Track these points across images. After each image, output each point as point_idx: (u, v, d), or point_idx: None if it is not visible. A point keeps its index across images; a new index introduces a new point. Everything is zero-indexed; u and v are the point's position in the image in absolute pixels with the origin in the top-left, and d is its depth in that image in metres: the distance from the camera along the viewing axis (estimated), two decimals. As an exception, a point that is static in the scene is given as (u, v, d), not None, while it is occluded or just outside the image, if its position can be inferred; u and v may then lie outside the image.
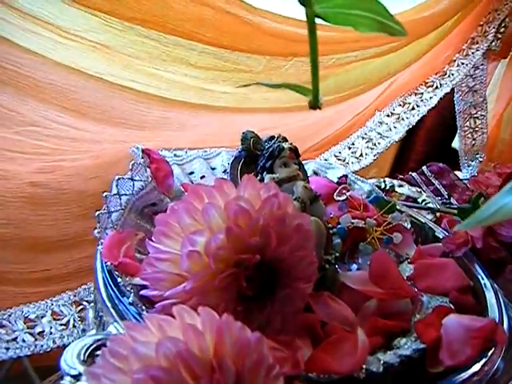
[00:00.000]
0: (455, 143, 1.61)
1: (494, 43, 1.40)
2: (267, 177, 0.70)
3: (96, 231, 0.64)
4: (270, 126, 1.12)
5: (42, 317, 0.87)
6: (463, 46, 1.41)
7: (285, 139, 0.73)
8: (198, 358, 0.39)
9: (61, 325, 0.87)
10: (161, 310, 0.53)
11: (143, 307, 0.57)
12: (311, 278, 0.58)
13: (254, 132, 0.74)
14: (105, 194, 0.67)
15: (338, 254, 0.71)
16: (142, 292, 0.56)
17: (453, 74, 1.38)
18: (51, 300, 0.90)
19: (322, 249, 0.68)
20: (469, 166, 1.56)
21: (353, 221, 0.76)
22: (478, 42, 1.41)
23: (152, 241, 0.55)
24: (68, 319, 0.88)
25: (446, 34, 1.33)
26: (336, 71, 1.18)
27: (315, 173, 0.94)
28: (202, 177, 0.87)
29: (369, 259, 0.77)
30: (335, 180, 0.92)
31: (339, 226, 0.76)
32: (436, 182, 1.30)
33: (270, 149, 0.72)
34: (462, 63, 1.40)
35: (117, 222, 0.68)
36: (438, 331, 0.62)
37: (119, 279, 0.60)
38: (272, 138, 0.74)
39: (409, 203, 0.93)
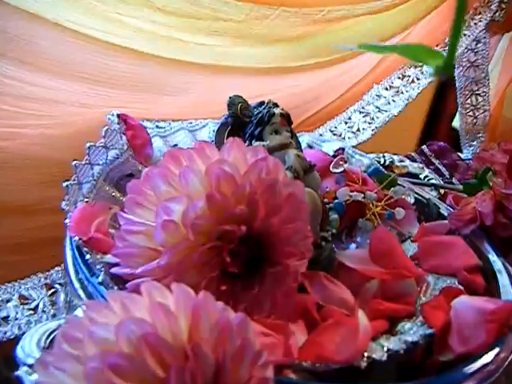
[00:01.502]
0: (455, 122, 1.55)
1: (497, 13, 1.34)
2: (256, 144, 0.63)
3: (64, 203, 0.58)
4: (255, 92, 1.02)
5: (8, 301, 0.80)
6: (465, 17, 1.34)
7: (275, 105, 0.67)
8: (167, 343, 0.32)
9: (28, 309, 0.80)
10: (133, 289, 0.46)
11: (114, 288, 0.50)
12: (305, 254, 0.51)
13: (241, 97, 0.67)
14: (74, 162, 0.60)
15: (335, 231, 0.65)
16: (113, 270, 0.49)
17: (452, 48, 1.31)
18: (18, 282, 0.82)
19: (317, 224, 0.62)
20: (470, 147, 1.49)
21: (351, 194, 0.69)
22: (480, 13, 1.34)
23: (124, 212, 0.48)
24: (37, 303, 0.81)
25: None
26: (326, 28, 1.09)
27: (309, 146, 0.88)
28: (187, 149, 0.80)
29: (369, 237, 0.71)
30: (331, 153, 0.85)
31: (336, 200, 0.70)
32: (436, 162, 1.24)
33: (260, 115, 0.65)
34: (464, 34, 1.33)
35: (88, 194, 0.61)
36: (447, 315, 0.56)
37: (88, 256, 0.53)
38: (262, 103, 0.67)
39: (411, 179, 0.86)
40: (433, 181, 0.89)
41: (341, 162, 0.75)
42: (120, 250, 0.47)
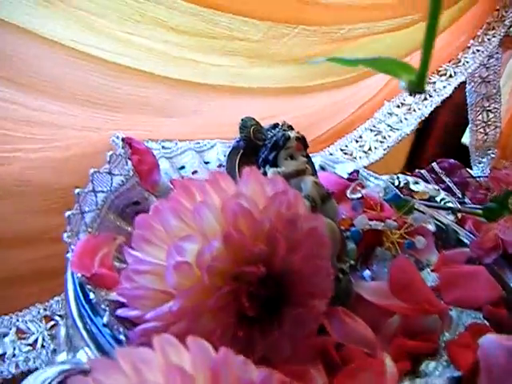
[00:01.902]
0: (465, 139, 1.51)
1: (511, 29, 1.31)
2: (271, 171, 0.59)
3: (66, 235, 0.54)
4: (266, 113, 0.98)
5: (4, 335, 0.75)
6: (478, 32, 1.31)
7: (290, 127, 0.63)
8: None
9: (27, 345, 0.75)
10: (140, 335, 0.42)
11: (120, 330, 0.46)
12: (327, 293, 0.48)
13: (254, 119, 0.63)
14: (77, 190, 0.56)
15: (352, 262, 0.61)
16: (119, 312, 0.45)
17: (467, 62, 1.28)
18: (16, 315, 0.78)
19: (335, 256, 0.58)
20: (480, 163, 1.46)
21: (370, 223, 0.65)
22: (494, 28, 1.31)
23: (131, 248, 0.44)
24: (36, 337, 0.76)
25: (462, 12, 1.22)
26: (342, 47, 1.05)
27: (322, 168, 0.84)
28: (194, 172, 0.76)
29: (385, 265, 0.68)
30: (345, 176, 0.81)
31: (353, 228, 0.66)
32: (447, 180, 1.20)
33: (274, 138, 0.61)
34: (478, 50, 1.30)
35: (91, 223, 0.57)
36: (475, 354, 0.52)
37: (92, 295, 0.49)
38: (275, 125, 0.64)
39: (428, 202, 0.83)
40: (449, 204, 0.85)
41: (358, 188, 0.71)
42: (127, 292, 0.43)
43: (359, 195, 0.71)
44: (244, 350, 0.42)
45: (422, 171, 1.22)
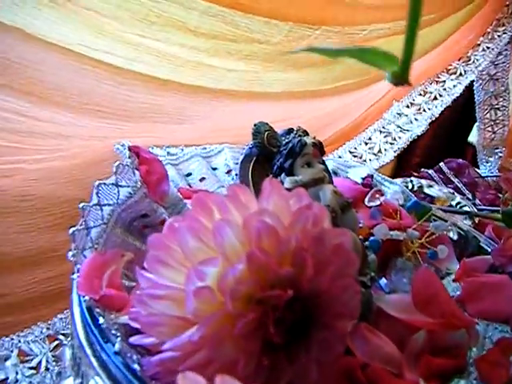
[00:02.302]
0: (472, 137, 1.48)
1: (522, 25, 1.28)
2: (288, 180, 0.56)
3: (71, 254, 0.50)
4: (276, 117, 0.94)
5: (6, 359, 0.71)
6: (488, 29, 1.28)
7: (306, 133, 0.60)
8: None
9: (30, 368, 0.71)
10: (156, 365, 0.39)
11: (134, 358, 0.43)
12: (354, 313, 0.44)
13: (268, 124, 0.60)
14: (82, 204, 0.53)
15: (373, 274, 0.57)
16: (133, 340, 0.42)
17: (477, 60, 1.25)
18: (18, 335, 0.73)
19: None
20: (487, 163, 1.43)
21: (391, 233, 0.62)
22: (504, 24, 1.27)
23: (143, 269, 0.41)
24: (39, 360, 0.72)
25: (473, 12, 1.19)
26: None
27: (334, 172, 0.80)
28: (202, 179, 0.73)
29: (404, 276, 0.64)
30: (358, 180, 0.78)
31: (372, 238, 0.63)
32: (456, 180, 1.17)
33: (290, 144, 0.58)
34: (488, 47, 1.27)
35: (97, 239, 0.53)
36: (508, 372, 0.49)
37: (101, 319, 0.45)
38: (290, 130, 0.60)
39: (443, 207, 0.79)
40: (466, 208, 0.82)
41: (377, 195, 0.68)
42: (142, 318, 0.40)
43: (378, 203, 0.68)
44: (270, 379, 0.39)
45: (430, 171, 1.19)
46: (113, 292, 0.48)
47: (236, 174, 0.60)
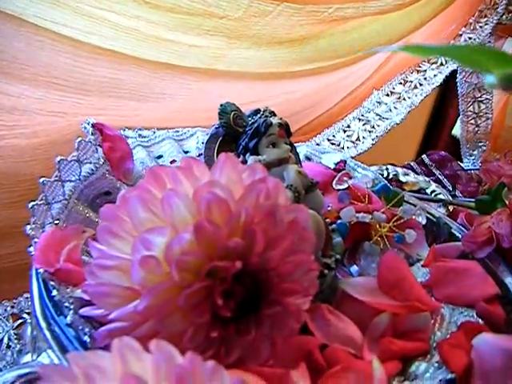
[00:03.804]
0: (455, 130, 1.48)
1: (504, 16, 1.27)
2: (251, 158, 0.56)
3: (29, 227, 0.50)
4: (248, 98, 0.93)
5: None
6: (470, 20, 1.27)
7: (273, 113, 0.60)
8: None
9: (-9, 345, 0.71)
10: (105, 336, 0.39)
11: (86, 330, 0.43)
12: (309, 290, 0.44)
13: (234, 104, 0.60)
14: (42, 179, 0.52)
15: (339, 257, 0.57)
16: (82, 311, 0.41)
17: (460, 50, 1.24)
18: None
19: (319, 250, 0.54)
20: (471, 156, 1.43)
21: (357, 215, 0.62)
22: (486, 16, 1.27)
23: (96, 241, 0.41)
24: (1, 337, 0.72)
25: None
26: (331, 30, 1.00)
27: (308, 158, 0.80)
28: (173, 161, 0.73)
29: (373, 261, 0.64)
30: (331, 166, 0.78)
31: (339, 221, 0.63)
32: (437, 172, 1.17)
33: (255, 124, 0.57)
34: (470, 38, 1.26)
35: (58, 215, 0.53)
36: (469, 355, 0.49)
37: (55, 292, 0.45)
38: (257, 111, 0.60)
39: (417, 194, 0.79)
40: (440, 196, 0.82)
41: (345, 178, 0.68)
42: (91, 289, 0.39)
43: (346, 186, 0.68)
44: (218, 353, 0.39)
45: (412, 163, 1.19)
46: (70, 266, 0.48)
47: (200, 154, 0.59)
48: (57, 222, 0.53)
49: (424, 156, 1.20)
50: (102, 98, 0.81)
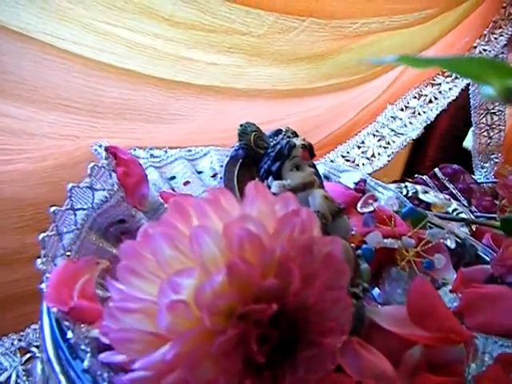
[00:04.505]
0: (467, 142, 1.45)
1: (520, 27, 1.25)
2: (275, 184, 0.52)
3: (39, 261, 0.46)
4: (265, 117, 0.89)
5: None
6: (484, 31, 1.24)
7: (295, 134, 0.57)
8: None
9: (-1, 383, 0.67)
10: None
11: (104, 376, 0.39)
12: (345, 328, 0.41)
13: (255, 125, 0.56)
14: (53, 208, 0.49)
15: (366, 285, 0.54)
16: (102, 357, 0.38)
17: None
18: None
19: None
20: (482, 168, 1.40)
21: (385, 241, 0.58)
22: (501, 26, 1.24)
23: (115, 280, 0.37)
24: (9, 374, 0.68)
25: (469, 12, 1.16)
26: (351, 45, 0.97)
27: (326, 177, 0.77)
28: (186, 183, 0.69)
29: (398, 286, 0.61)
30: (351, 185, 0.75)
31: (364, 246, 0.59)
32: (451, 186, 1.14)
33: (278, 146, 0.54)
34: (484, 50, 1.23)
35: (70, 246, 0.50)
36: (509, 391, 0.45)
37: (70, 334, 0.41)
38: (278, 131, 0.57)
39: (439, 213, 0.76)
40: (462, 215, 0.79)
41: (370, 201, 0.64)
42: (112, 334, 0.36)
43: (371, 209, 0.64)
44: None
45: (424, 177, 1.16)
46: (84, 303, 0.44)
47: (221, 178, 0.56)
48: (68, 253, 0.49)
49: (436, 169, 1.18)
50: (115, 121, 0.77)
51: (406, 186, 0.82)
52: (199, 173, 0.71)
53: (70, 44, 0.71)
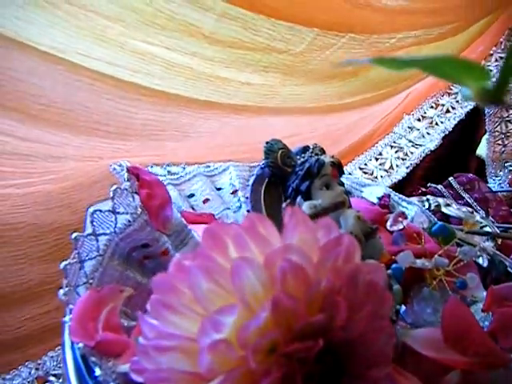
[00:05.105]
0: (480, 150, 1.43)
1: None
2: (306, 205, 0.50)
3: (62, 292, 0.44)
4: (286, 132, 0.87)
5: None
6: (500, 39, 1.22)
7: (323, 151, 0.54)
8: None
9: (16, 419, 0.64)
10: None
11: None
12: (389, 358, 0.38)
13: (281, 142, 0.54)
14: (74, 234, 0.47)
15: (398, 307, 0.52)
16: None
17: (491, 71, 1.20)
18: (3, 378, 0.66)
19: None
20: (496, 177, 1.38)
21: (418, 261, 0.56)
22: (517, 34, 1.23)
23: (146, 313, 0.35)
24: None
25: (492, 22, 1.14)
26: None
27: (348, 192, 0.74)
28: (206, 200, 0.67)
29: (428, 306, 0.58)
30: (375, 200, 0.72)
31: (394, 265, 0.57)
32: (466, 196, 1.12)
33: (307, 164, 0.52)
34: (501, 58, 1.21)
35: (92, 274, 0.47)
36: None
37: (98, 371, 0.39)
38: (306, 148, 0.55)
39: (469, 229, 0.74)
40: (487, 228, 0.77)
41: (400, 219, 0.62)
42: (148, 375, 0.33)
43: (401, 227, 0.62)
44: None
45: (439, 187, 1.14)
46: (110, 336, 0.42)
47: (246, 198, 0.54)
48: (91, 281, 0.47)
49: (451, 179, 1.15)
50: (142, 142, 0.75)
51: (427, 199, 0.80)
52: (218, 189, 0.69)
53: (103, 64, 0.68)
